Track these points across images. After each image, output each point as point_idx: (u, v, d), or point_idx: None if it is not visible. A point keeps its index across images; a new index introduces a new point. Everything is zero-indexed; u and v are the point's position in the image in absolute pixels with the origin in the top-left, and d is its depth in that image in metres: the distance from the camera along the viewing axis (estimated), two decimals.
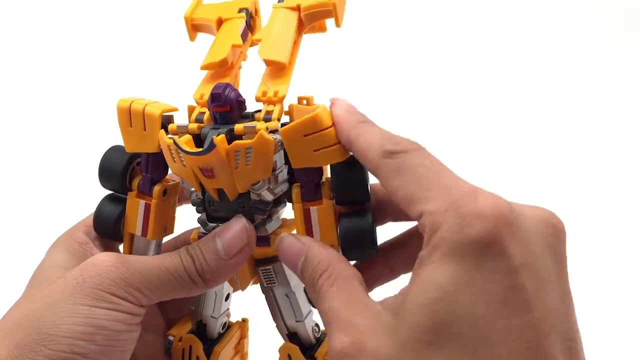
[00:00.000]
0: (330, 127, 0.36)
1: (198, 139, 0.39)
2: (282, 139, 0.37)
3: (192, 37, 0.46)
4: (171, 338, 0.47)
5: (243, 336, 0.50)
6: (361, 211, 0.38)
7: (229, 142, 0.37)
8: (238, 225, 0.39)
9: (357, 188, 0.38)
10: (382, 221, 0.42)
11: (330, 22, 0.43)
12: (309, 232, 0.39)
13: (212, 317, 0.46)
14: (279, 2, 0.43)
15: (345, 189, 0.38)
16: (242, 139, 0.37)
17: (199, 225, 0.42)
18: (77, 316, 0.36)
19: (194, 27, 0.46)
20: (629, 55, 1.25)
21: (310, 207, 0.39)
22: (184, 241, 0.46)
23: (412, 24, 1.20)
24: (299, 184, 0.39)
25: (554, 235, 0.31)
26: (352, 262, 0.37)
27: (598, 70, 1.23)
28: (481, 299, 0.28)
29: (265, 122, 0.38)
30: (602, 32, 1.30)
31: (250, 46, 0.45)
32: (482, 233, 0.28)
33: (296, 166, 0.38)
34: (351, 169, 0.37)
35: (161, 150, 0.40)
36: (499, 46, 1.25)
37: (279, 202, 0.41)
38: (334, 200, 0.39)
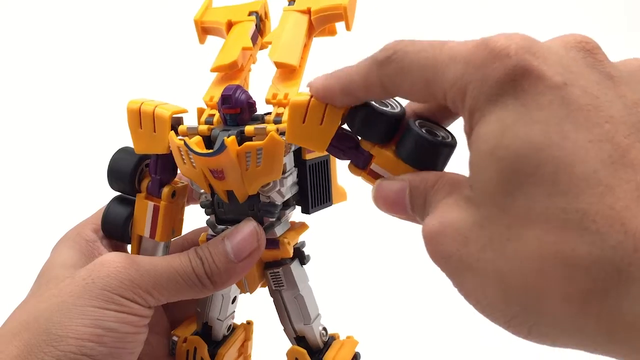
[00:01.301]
0: (310, 98, 0.35)
1: (208, 141, 0.39)
2: (292, 143, 0.37)
3: (201, 40, 0.46)
4: (175, 339, 0.47)
5: (247, 338, 0.50)
6: (405, 132, 0.34)
7: (240, 143, 0.37)
8: (248, 228, 0.39)
9: (377, 120, 0.35)
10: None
11: (340, 26, 0.44)
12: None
13: (218, 319, 0.46)
14: (289, 5, 0.43)
15: (370, 128, 0.35)
16: (252, 141, 0.37)
17: (205, 225, 0.42)
18: (86, 317, 0.36)
19: (204, 30, 0.46)
20: (629, 56, 1.25)
21: (371, 166, 0.36)
22: (190, 241, 0.46)
23: (420, 28, 1.20)
24: (348, 160, 0.37)
25: (590, 54, 0.27)
26: None
27: None
28: (535, 130, 0.25)
29: (276, 124, 0.38)
30: (602, 32, 1.31)
31: (260, 49, 0.46)
32: (506, 72, 0.26)
33: (324, 148, 0.36)
34: (359, 111, 0.35)
35: (171, 152, 0.40)
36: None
37: (288, 204, 0.41)
38: (380, 145, 0.36)
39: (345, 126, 0.36)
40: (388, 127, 0.35)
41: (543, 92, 0.25)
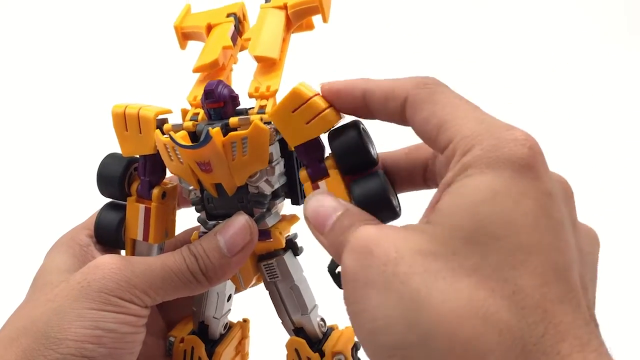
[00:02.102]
0: (314, 96, 0.36)
1: (194, 137, 0.39)
2: (272, 121, 0.37)
3: (182, 46, 0.47)
4: (172, 339, 0.46)
5: (244, 336, 0.50)
6: (370, 175, 0.36)
7: (225, 135, 0.37)
8: (240, 222, 0.39)
9: (359, 150, 0.36)
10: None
11: (317, 19, 0.44)
12: None
13: (214, 317, 0.46)
14: (266, 2, 0.44)
15: (347, 153, 0.37)
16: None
17: (198, 224, 0.42)
18: (84, 320, 0.37)
19: (184, 36, 0.46)
20: (629, 56, 1.27)
21: (319, 182, 0.38)
22: (183, 241, 0.46)
23: (404, 17, 1.21)
24: (305, 166, 0.38)
25: (567, 193, 0.31)
26: None
27: (598, 71, 1.25)
28: (519, 209, 0.27)
29: (259, 114, 0.39)
30: (602, 32, 1.32)
31: (240, 50, 0.46)
32: (519, 155, 0.28)
33: (295, 144, 0.37)
34: (348, 131, 0.36)
35: (158, 152, 0.41)
36: (499, 47, 1.26)
37: (277, 195, 0.41)
38: (341, 172, 0.37)
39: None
40: (361, 163, 0.37)
41: (535, 189, 0.28)
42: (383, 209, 0.35)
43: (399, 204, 0.37)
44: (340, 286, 0.39)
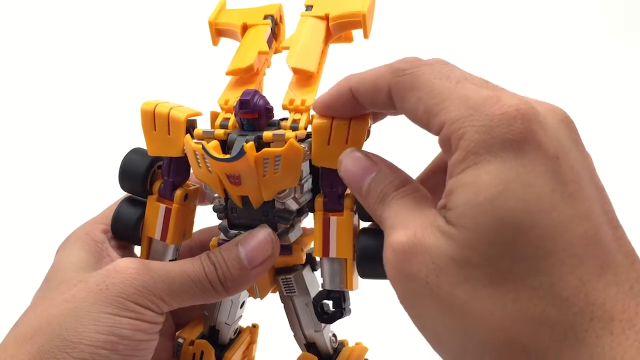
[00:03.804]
0: (333, 119, 0.37)
1: (223, 145, 0.39)
2: (319, 165, 0.38)
3: (215, 42, 0.46)
4: (181, 340, 0.46)
5: (252, 342, 0.50)
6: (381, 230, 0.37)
7: (257, 149, 0.36)
8: (263, 235, 0.39)
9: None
10: None
11: (356, 33, 0.44)
12: (325, 241, 0.39)
13: (226, 323, 0.46)
14: (307, 10, 0.43)
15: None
16: (270, 147, 0.37)
17: (212, 225, 0.42)
18: (100, 325, 0.36)
19: (218, 32, 0.45)
20: (629, 55, 1.26)
21: (331, 217, 0.39)
22: (198, 241, 0.46)
23: (436, 36, 1.21)
24: (323, 193, 0.39)
25: (572, 130, 0.30)
26: None
27: (598, 70, 1.24)
28: (533, 193, 0.27)
29: (293, 130, 0.38)
30: (602, 32, 1.32)
31: (274, 53, 0.45)
32: (512, 133, 0.27)
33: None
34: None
35: (184, 155, 0.40)
36: (499, 47, 1.25)
37: (302, 211, 0.41)
38: (357, 214, 0.39)
39: None
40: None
41: (540, 161, 0.27)
42: (376, 268, 0.35)
43: None
44: (323, 320, 0.41)
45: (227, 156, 0.36)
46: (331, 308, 0.41)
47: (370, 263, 0.37)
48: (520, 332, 0.26)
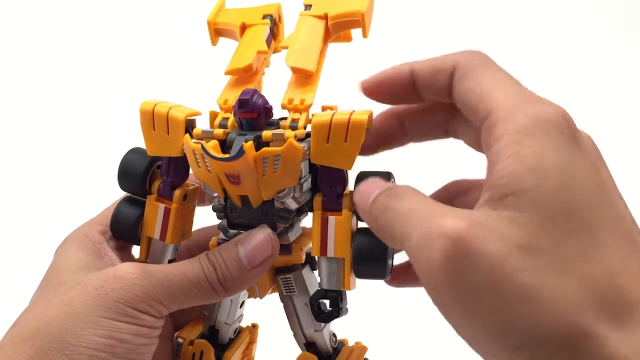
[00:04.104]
0: (332, 117, 0.37)
1: (223, 145, 0.39)
2: (316, 163, 0.38)
3: (214, 42, 0.46)
4: (180, 340, 0.46)
5: (252, 341, 0.50)
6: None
7: (256, 148, 0.36)
8: (262, 235, 0.39)
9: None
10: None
11: (355, 32, 0.44)
12: (323, 240, 0.39)
13: (225, 323, 0.46)
14: (305, 9, 0.43)
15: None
16: (269, 146, 0.37)
17: (211, 224, 0.42)
18: (99, 328, 0.36)
19: (217, 32, 0.45)
20: (629, 55, 1.26)
21: (329, 216, 0.39)
22: (196, 241, 0.46)
23: (435, 36, 1.21)
24: (321, 193, 0.39)
25: (597, 149, 0.31)
26: None
27: (598, 70, 1.24)
28: (592, 184, 0.28)
29: (292, 130, 0.38)
30: (602, 32, 1.32)
31: (273, 53, 0.45)
32: (566, 127, 0.29)
33: (351, 166, 0.38)
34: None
35: (184, 155, 0.40)
36: (499, 47, 1.25)
37: (301, 211, 0.41)
38: (355, 215, 0.39)
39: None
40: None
41: (585, 158, 0.29)
42: (375, 267, 0.36)
43: (392, 266, 0.38)
44: (320, 319, 0.41)
45: (227, 155, 0.36)
46: (328, 307, 0.41)
47: (366, 263, 0.37)
48: (582, 318, 0.26)
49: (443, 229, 0.28)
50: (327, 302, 0.40)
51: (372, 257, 0.37)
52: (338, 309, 0.40)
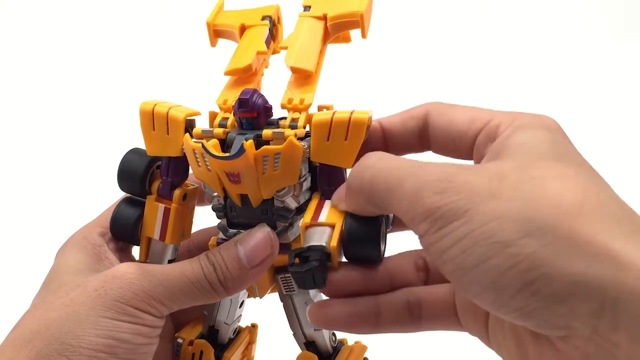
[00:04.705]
0: (332, 116, 0.38)
1: (223, 144, 0.39)
2: (316, 161, 0.38)
3: (213, 43, 0.46)
4: (180, 340, 0.46)
5: (252, 341, 0.50)
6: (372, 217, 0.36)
7: (256, 147, 0.37)
8: (262, 234, 0.39)
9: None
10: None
11: (354, 33, 0.44)
12: (317, 212, 0.38)
13: (225, 323, 0.46)
14: (305, 10, 0.43)
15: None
16: (269, 145, 0.37)
17: (211, 225, 0.42)
18: (99, 328, 0.36)
19: (216, 33, 0.46)
20: (629, 55, 1.27)
21: (326, 200, 0.39)
22: (196, 242, 0.46)
23: (433, 35, 1.21)
24: (320, 191, 0.39)
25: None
26: None
27: (598, 70, 1.24)
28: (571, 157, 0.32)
29: (292, 129, 0.38)
30: (602, 32, 1.32)
31: (272, 54, 0.45)
32: (555, 125, 0.34)
33: (351, 164, 0.37)
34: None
35: (183, 155, 0.40)
36: (499, 47, 1.26)
37: (301, 210, 0.41)
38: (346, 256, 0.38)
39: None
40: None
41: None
42: (368, 251, 0.36)
43: (384, 250, 0.38)
44: (291, 268, 0.37)
45: (227, 154, 0.37)
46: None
47: (357, 243, 0.36)
48: (593, 216, 0.28)
49: (553, 202, 0.30)
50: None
51: (364, 240, 0.36)
52: (312, 267, 0.36)
